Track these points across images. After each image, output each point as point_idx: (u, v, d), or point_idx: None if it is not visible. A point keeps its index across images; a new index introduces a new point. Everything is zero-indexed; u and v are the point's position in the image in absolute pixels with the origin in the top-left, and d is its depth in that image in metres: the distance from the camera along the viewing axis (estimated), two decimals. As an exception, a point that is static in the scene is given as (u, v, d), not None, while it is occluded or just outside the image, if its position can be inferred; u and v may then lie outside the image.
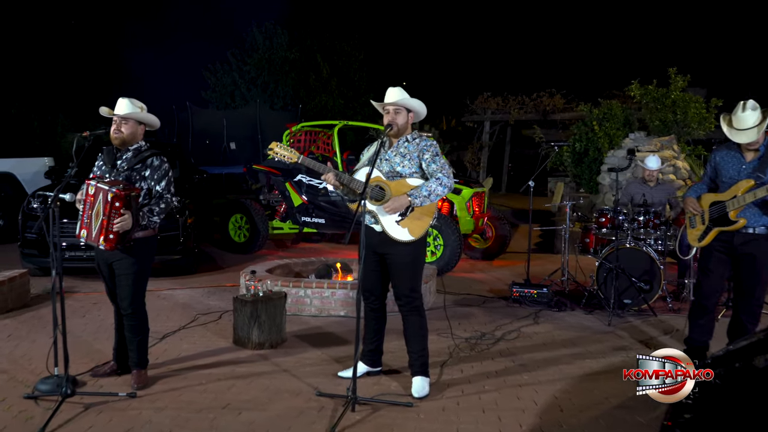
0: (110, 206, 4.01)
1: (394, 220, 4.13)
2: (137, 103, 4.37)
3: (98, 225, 4.09)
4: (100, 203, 4.08)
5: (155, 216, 4.28)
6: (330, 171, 4.14)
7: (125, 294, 4.32)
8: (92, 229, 4.14)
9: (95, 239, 4.13)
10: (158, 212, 4.29)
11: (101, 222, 4.07)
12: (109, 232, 4.05)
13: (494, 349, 5.32)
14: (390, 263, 4.26)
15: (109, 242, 4.08)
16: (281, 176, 10.01)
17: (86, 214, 4.18)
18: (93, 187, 4.14)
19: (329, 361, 4.99)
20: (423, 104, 4.31)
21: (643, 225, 6.74)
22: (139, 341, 4.41)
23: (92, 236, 4.15)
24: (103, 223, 4.05)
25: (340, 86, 22.37)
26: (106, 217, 4.04)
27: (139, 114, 4.33)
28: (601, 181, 12.39)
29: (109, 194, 4.01)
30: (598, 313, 6.45)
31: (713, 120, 11.98)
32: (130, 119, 4.32)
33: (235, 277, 8.43)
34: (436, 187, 4.08)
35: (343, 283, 6.41)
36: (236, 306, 5.29)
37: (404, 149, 4.27)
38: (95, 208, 4.11)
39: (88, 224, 4.18)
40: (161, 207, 4.30)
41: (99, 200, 4.09)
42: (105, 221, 4.05)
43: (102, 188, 4.08)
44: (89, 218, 4.16)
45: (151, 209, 4.26)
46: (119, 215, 4.03)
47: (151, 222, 4.27)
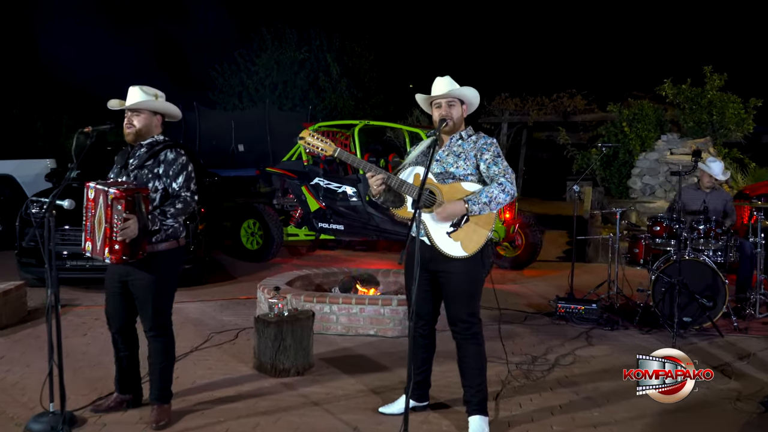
0: (111, 210, 3.39)
1: (444, 231, 3.50)
2: (150, 90, 3.75)
3: (101, 235, 3.48)
4: (101, 208, 3.46)
5: (169, 218, 3.64)
6: (377, 171, 3.50)
7: (146, 316, 3.71)
8: (96, 240, 3.53)
9: (100, 252, 3.51)
10: (173, 214, 3.64)
11: (104, 230, 3.45)
12: (113, 242, 3.43)
13: (551, 376, 4.68)
14: (443, 283, 3.63)
15: (115, 254, 3.45)
16: (297, 179, 9.39)
17: (89, 223, 3.56)
18: (93, 190, 3.53)
19: (366, 393, 4.36)
20: (477, 93, 3.69)
21: (703, 234, 6.09)
22: (163, 368, 3.79)
23: (96, 248, 3.53)
24: (107, 232, 3.44)
25: (350, 87, 21.81)
26: (109, 224, 3.42)
27: (152, 103, 3.71)
28: (632, 185, 11.76)
29: (109, 195, 3.40)
30: (656, 333, 5.80)
31: (751, 121, 11.34)
32: (142, 110, 3.70)
33: (249, 288, 7.79)
34: (497, 194, 3.45)
35: (373, 298, 5.77)
36: (258, 327, 4.66)
37: (458, 148, 3.64)
38: (97, 214, 3.49)
39: (92, 234, 3.56)
40: (177, 208, 3.65)
41: (99, 205, 3.47)
42: (108, 229, 3.43)
43: (101, 189, 3.47)
44: (92, 227, 3.55)
45: (164, 211, 3.61)
46: (123, 221, 3.40)
47: (164, 225, 3.64)
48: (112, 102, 3.80)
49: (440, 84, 3.63)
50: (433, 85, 3.67)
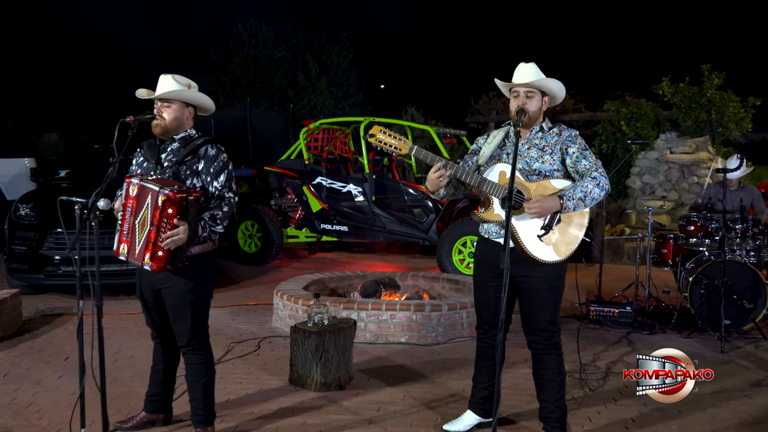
0: (161, 213, 2.99)
1: (535, 234, 3.17)
2: (183, 79, 3.34)
3: (144, 238, 3.07)
4: (148, 209, 3.05)
5: (219, 224, 3.25)
6: (449, 166, 3.15)
7: (183, 328, 3.30)
8: (135, 242, 3.12)
9: (138, 256, 3.10)
10: (222, 218, 3.26)
11: (148, 234, 3.05)
12: (157, 247, 3.03)
13: (608, 386, 4.40)
14: (524, 289, 3.30)
15: (158, 261, 3.06)
16: (298, 179, 8.99)
17: (127, 223, 3.15)
18: (136, 187, 3.10)
19: (417, 406, 4.01)
20: (562, 86, 3.36)
21: (740, 234, 5.89)
22: (205, 384, 3.39)
23: (135, 252, 3.12)
24: (151, 236, 3.03)
25: (330, 86, 21.40)
26: (155, 227, 3.02)
27: (186, 93, 3.30)
28: (631, 184, 11.62)
29: (160, 197, 2.99)
30: (697, 337, 5.58)
31: (750, 120, 11.29)
32: (174, 101, 3.29)
33: (253, 293, 7.41)
34: (592, 188, 3.14)
35: (404, 304, 5.43)
36: (296, 338, 4.27)
37: (541, 141, 3.32)
38: (140, 215, 3.09)
39: (129, 236, 3.14)
40: (224, 211, 3.27)
41: (146, 205, 3.06)
42: (153, 233, 3.03)
43: (150, 188, 3.05)
44: (131, 228, 3.13)
45: (214, 216, 3.22)
46: (171, 226, 3.01)
47: (213, 233, 3.25)
48: (141, 91, 3.38)
49: (523, 71, 3.30)
50: (516, 71, 3.34)
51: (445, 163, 3.17)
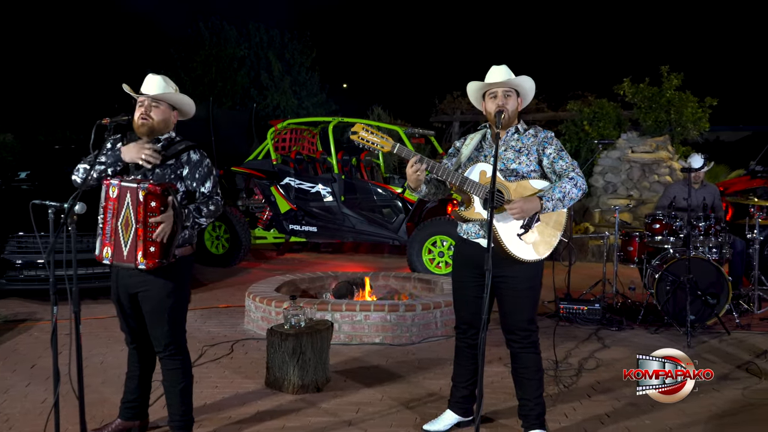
0: (145, 208, 2.97)
1: (515, 234, 3.21)
2: (171, 83, 3.31)
3: (131, 238, 3.03)
4: (129, 208, 3.01)
5: (203, 217, 3.24)
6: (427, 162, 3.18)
7: (160, 333, 3.24)
8: (121, 244, 3.07)
9: (129, 257, 3.06)
10: (207, 214, 3.25)
11: (135, 232, 3.02)
12: (148, 243, 3.01)
13: (582, 382, 4.48)
14: (503, 288, 3.34)
15: (151, 257, 3.04)
16: (266, 179, 8.92)
17: (109, 225, 3.09)
18: (116, 188, 3.05)
19: (396, 406, 4.03)
20: (534, 84, 3.42)
21: (704, 231, 6.04)
22: (182, 390, 3.34)
23: (124, 254, 3.07)
24: (139, 234, 3.01)
25: (293, 85, 21.27)
26: (141, 224, 2.99)
27: (174, 96, 3.26)
28: (594, 183, 11.83)
29: (140, 192, 2.98)
30: (664, 332, 5.71)
31: (707, 120, 11.60)
32: (162, 102, 3.25)
33: (222, 295, 7.33)
34: (570, 189, 3.19)
35: (378, 304, 5.43)
36: (273, 340, 4.24)
37: (517, 142, 3.36)
38: (121, 216, 3.04)
39: (113, 239, 3.08)
40: (210, 209, 3.27)
41: (126, 204, 3.02)
42: (141, 230, 3.01)
43: (129, 187, 3.02)
44: (113, 231, 3.08)
45: (199, 208, 3.23)
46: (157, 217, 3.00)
47: (196, 223, 3.24)
48: (128, 87, 3.32)
49: (497, 72, 3.34)
50: (489, 72, 3.38)
51: (420, 158, 3.20)
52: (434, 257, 7.85)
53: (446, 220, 7.82)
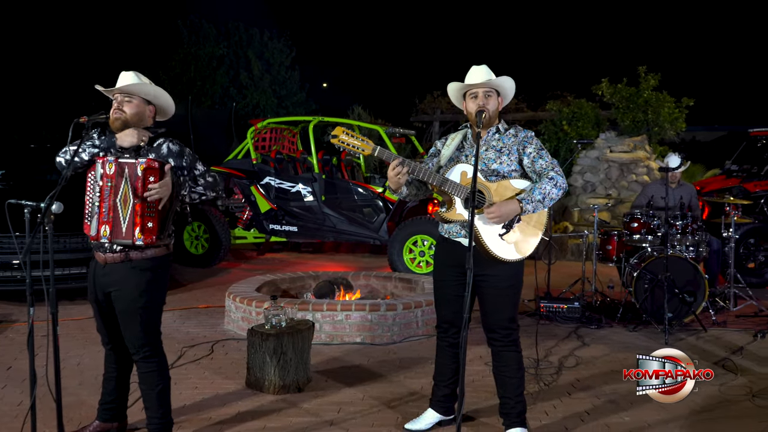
0: (143, 183, 3.00)
1: (496, 234, 3.22)
2: (144, 78, 3.28)
3: (129, 213, 3.06)
4: (128, 183, 3.04)
5: (199, 186, 3.27)
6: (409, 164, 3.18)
7: (133, 334, 3.21)
8: (120, 221, 3.07)
9: (127, 233, 3.07)
10: (205, 185, 3.30)
11: (133, 207, 3.05)
12: (146, 219, 3.04)
13: (562, 380, 4.50)
14: (485, 288, 3.35)
15: (149, 233, 3.07)
16: (246, 179, 8.87)
17: (105, 204, 3.07)
18: (113, 164, 3.05)
19: (377, 406, 4.02)
20: (514, 84, 3.43)
21: (681, 230, 6.12)
22: (160, 392, 3.30)
23: (122, 231, 3.08)
24: (137, 209, 3.04)
25: (272, 85, 21.18)
26: (140, 199, 3.01)
27: (147, 87, 3.24)
28: (573, 182, 11.91)
29: (139, 167, 3.01)
30: (642, 330, 5.77)
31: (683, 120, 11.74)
32: (135, 96, 3.22)
33: (202, 296, 7.27)
34: (550, 189, 3.21)
35: (359, 304, 5.42)
36: (253, 341, 4.22)
37: (498, 142, 3.37)
38: (120, 192, 3.03)
39: (111, 217, 3.08)
40: (208, 180, 3.31)
41: (125, 179, 3.04)
42: (139, 205, 3.04)
43: (127, 162, 3.05)
44: (111, 208, 3.07)
45: (195, 178, 3.25)
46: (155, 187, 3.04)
47: (194, 193, 3.26)
48: (100, 86, 3.29)
49: (478, 72, 3.35)
50: (469, 73, 3.39)
51: (402, 160, 3.20)
52: (415, 257, 7.86)
53: (427, 219, 7.83)
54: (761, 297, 6.86)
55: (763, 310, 6.28)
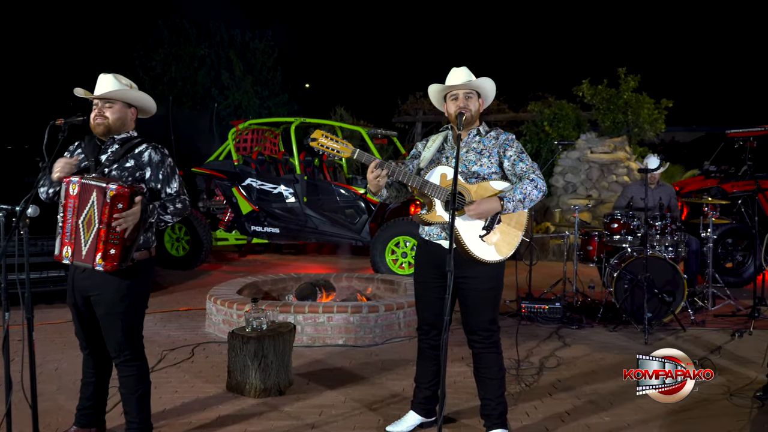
0: (110, 209, 2.92)
1: (477, 235, 3.23)
2: (124, 79, 3.24)
3: (92, 237, 2.97)
4: (94, 207, 2.95)
5: (167, 214, 3.18)
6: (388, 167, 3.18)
7: (114, 338, 3.17)
8: (81, 243, 2.99)
9: (87, 257, 2.99)
10: (173, 211, 3.20)
11: (97, 232, 2.95)
12: (109, 245, 2.94)
13: (543, 381, 4.52)
14: (466, 289, 3.35)
15: (110, 260, 2.97)
16: (227, 180, 8.82)
17: (69, 224, 3.01)
18: (77, 186, 2.98)
19: (359, 408, 4.01)
20: (494, 86, 3.44)
21: (660, 230, 6.17)
22: (139, 397, 3.26)
23: (82, 254, 3.00)
24: (101, 234, 2.94)
25: (255, 85, 21.08)
26: (105, 225, 2.93)
27: (128, 92, 3.20)
28: (555, 183, 11.99)
29: (108, 192, 2.91)
30: (622, 330, 5.82)
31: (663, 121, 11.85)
32: (116, 101, 3.18)
33: (183, 298, 7.22)
34: (531, 191, 3.22)
35: (342, 305, 5.41)
36: (234, 344, 4.19)
37: (478, 144, 3.38)
38: (84, 214, 2.97)
39: (73, 238, 3.01)
40: (177, 207, 3.21)
41: (91, 203, 2.96)
42: (103, 231, 2.94)
43: (94, 185, 2.96)
44: (74, 229, 3.00)
45: (164, 205, 3.16)
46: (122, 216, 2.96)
47: (161, 220, 3.18)
48: (79, 90, 3.24)
49: (458, 74, 3.36)
50: (450, 75, 3.39)
51: (380, 163, 3.19)
52: (397, 258, 7.86)
53: (409, 220, 7.84)
54: (739, 296, 6.96)
55: (741, 309, 6.36)
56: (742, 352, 5.20)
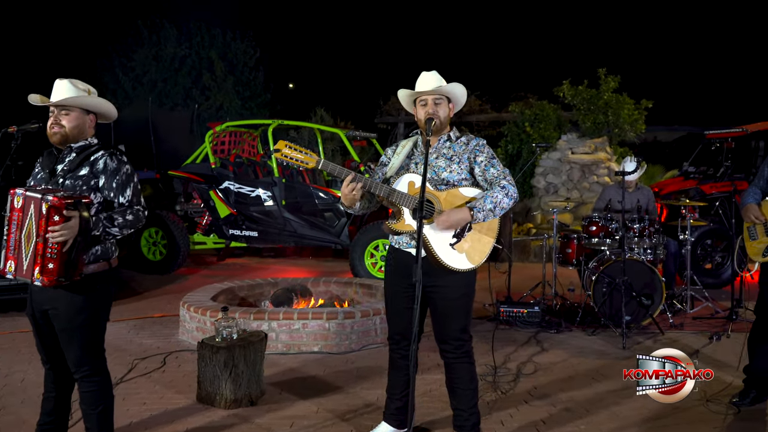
0: (46, 222, 2.77)
1: (447, 243, 3.16)
2: (81, 84, 3.12)
3: (31, 251, 2.84)
4: (32, 219, 2.82)
5: (116, 226, 2.99)
6: (359, 178, 3.11)
7: (73, 353, 3.06)
8: (22, 257, 2.87)
9: (27, 272, 2.86)
10: (121, 224, 3.00)
11: (35, 246, 2.81)
12: (47, 260, 2.80)
13: (519, 388, 4.47)
14: (435, 298, 3.29)
15: (49, 275, 2.83)
16: (205, 183, 8.70)
17: (12, 237, 2.89)
18: (21, 198, 2.86)
19: (331, 419, 3.94)
20: (465, 91, 3.37)
21: (638, 233, 6.15)
22: (100, 413, 3.14)
23: (23, 268, 2.87)
24: (38, 248, 2.80)
25: (236, 86, 20.92)
26: (42, 238, 2.79)
27: (86, 99, 3.08)
28: (536, 184, 11.98)
29: (43, 204, 2.77)
30: (601, 334, 5.78)
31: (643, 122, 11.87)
32: (73, 108, 3.07)
33: (158, 304, 7.10)
34: (501, 198, 3.15)
35: (317, 312, 5.33)
36: (204, 354, 4.10)
37: (449, 150, 3.32)
38: (25, 227, 2.85)
39: (15, 252, 2.89)
40: (127, 219, 3.03)
41: (30, 216, 2.83)
42: (41, 245, 2.79)
43: (33, 197, 2.82)
44: (17, 243, 2.89)
45: (111, 217, 2.98)
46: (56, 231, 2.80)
47: (108, 233, 2.99)
48: (33, 97, 3.12)
49: (427, 79, 3.29)
50: (419, 80, 3.32)
51: (354, 176, 3.12)
52: (376, 261, 7.79)
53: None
54: (717, 298, 6.96)
55: (719, 311, 6.35)
56: (720, 355, 5.18)
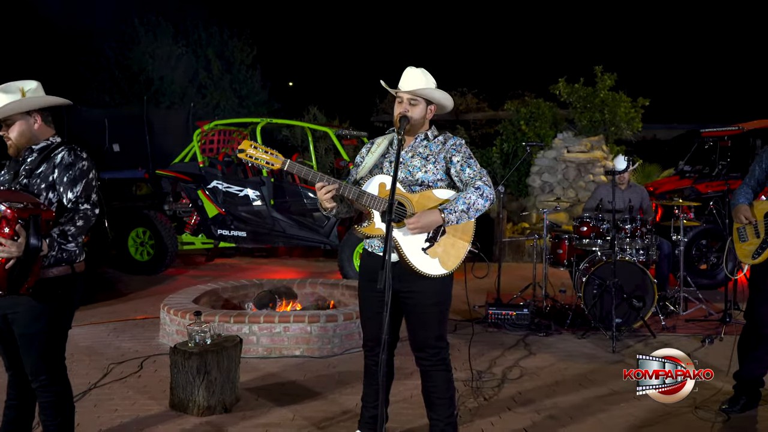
0: None
1: (419, 248, 3.02)
2: (12, 86, 2.95)
3: None
4: None
5: (71, 242, 2.90)
6: (333, 182, 2.98)
7: (30, 361, 2.93)
8: None
9: None
10: (75, 234, 2.89)
11: None
12: None
13: (503, 393, 4.34)
14: (409, 304, 3.16)
15: None
16: (193, 183, 8.57)
17: None
18: None
19: (306, 427, 3.82)
20: (448, 95, 3.21)
21: (629, 234, 6.02)
22: (60, 425, 3.01)
23: None
24: None
25: (233, 84, 20.80)
26: None
27: (17, 104, 2.93)
28: (531, 183, 11.84)
29: None
30: (591, 337, 5.65)
31: (640, 120, 11.72)
32: (13, 117, 2.95)
33: (143, 306, 6.98)
34: (476, 200, 3.01)
35: (299, 315, 5.20)
36: (176, 359, 3.98)
37: (424, 149, 3.18)
38: None
39: None
40: (78, 226, 2.89)
41: None
42: None
43: None
44: None
45: (64, 232, 2.85)
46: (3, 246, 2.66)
47: (65, 252, 2.89)
48: None
49: (410, 77, 3.13)
50: (403, 75, 3.17)
51: (325, 180, 2.99)
52: (366, 262, 7.65)
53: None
54: (712, 299, 6.83)
55: (713, 314, 6.22)
56: (711, 359, 5.04)
